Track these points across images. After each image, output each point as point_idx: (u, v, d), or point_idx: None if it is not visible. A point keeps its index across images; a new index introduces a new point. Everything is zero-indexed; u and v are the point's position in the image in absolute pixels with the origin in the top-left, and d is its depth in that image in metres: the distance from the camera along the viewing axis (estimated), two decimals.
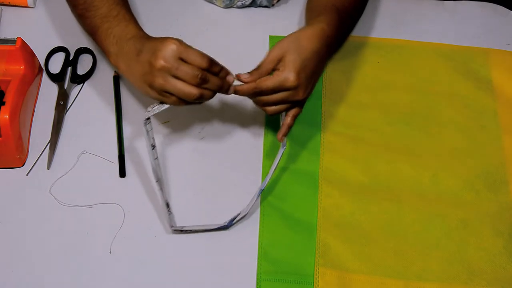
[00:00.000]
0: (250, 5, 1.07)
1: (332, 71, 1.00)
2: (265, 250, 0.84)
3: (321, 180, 0.90)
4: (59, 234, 0.84)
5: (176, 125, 0.94)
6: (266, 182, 0.85)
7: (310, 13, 0.94)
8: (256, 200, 0.85)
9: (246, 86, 0.80)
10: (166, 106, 0.81)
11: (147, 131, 0.82)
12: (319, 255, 0.83)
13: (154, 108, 0.81)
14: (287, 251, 0.84)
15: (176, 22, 1.05)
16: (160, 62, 0.76)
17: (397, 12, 1.09)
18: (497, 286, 0.82)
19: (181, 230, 0.84)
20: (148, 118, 0.81)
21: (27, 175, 0.89)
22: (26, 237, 0.84)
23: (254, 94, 0.81)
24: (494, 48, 1.05)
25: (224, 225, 0.84)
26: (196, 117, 0.94)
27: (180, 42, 0.78)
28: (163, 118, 0.94)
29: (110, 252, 0.83)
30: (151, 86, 0.79)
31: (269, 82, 0.79)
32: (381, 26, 1.07)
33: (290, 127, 0.85)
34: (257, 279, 0.81)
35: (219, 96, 0.82)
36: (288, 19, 1.05)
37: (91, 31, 0.90)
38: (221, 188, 0.89)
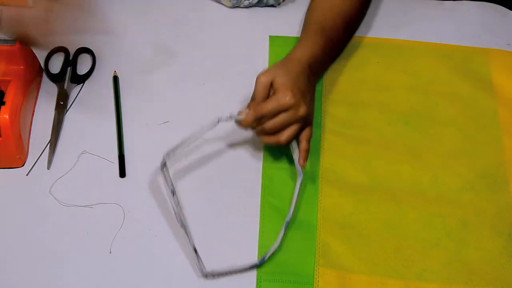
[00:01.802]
0: (256, 5, 1.07)
1: (332, 71, 1.00)
2: (265, 250, 0.83)
3: (321, 180, 0.90)
4: (59, 234, 0.84)
5: (175, 125, 0.94)
6: (291, 213, 0.84)
7: (302, 31, 0.95)
8: (283, 232, 0.83)
9: (247, 116, 0.82)
10: (181, 145, 0.81)
11: (165, 177, 0.82)
12: (319, 255, 0.83)
13: (169, 154, 0.81)
14: (287, 251, 0.84)
15: (177, 22, 1.05)
16: None
17: (397, 12, 1.09)
18: (497, 286, 0.82)
19: (213, 275, 0.81)
20: (165, 164, 0.81)
21: (27, 175, 0.89)
22: (26, 237, 0.83)
23: (257, 121, 0.82)
24: (494, 48, 1.05)
25: (256, 264, 0.82)
26: (195, 120, 0.94)
27: None
28: (163, 119, 0.94)
29: (110, 252, 0.83)
30: None
31: (267, 105, 0.81)
32: (381, 26, 1.07)
33: (307, 151, 0.86)
34: (257, 279, 0.81)
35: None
36: (291, 19, 1.05)
37: None
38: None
